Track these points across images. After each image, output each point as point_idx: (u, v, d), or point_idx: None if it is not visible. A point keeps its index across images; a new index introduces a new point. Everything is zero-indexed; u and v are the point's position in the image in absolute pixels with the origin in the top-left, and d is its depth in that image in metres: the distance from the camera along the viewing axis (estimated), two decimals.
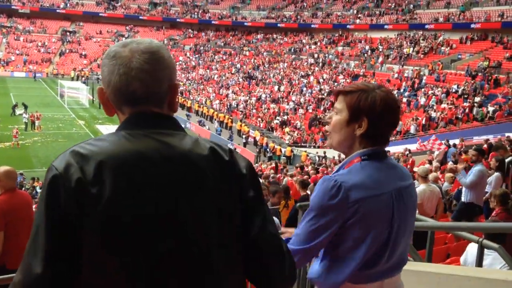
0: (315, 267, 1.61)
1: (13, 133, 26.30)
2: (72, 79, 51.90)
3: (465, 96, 26.73)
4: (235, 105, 38.46)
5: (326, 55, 45.78)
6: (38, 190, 16.27)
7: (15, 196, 4.17)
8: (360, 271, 1.52)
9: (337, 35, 50.08)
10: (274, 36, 57.00)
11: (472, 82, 28.05)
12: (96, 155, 1.08)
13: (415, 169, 9.29)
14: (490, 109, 24.03)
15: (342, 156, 1.66)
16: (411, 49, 39.26)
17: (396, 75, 35.37)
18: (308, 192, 7.85)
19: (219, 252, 1.14)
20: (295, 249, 1.49)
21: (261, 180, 13.29)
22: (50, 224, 1.04)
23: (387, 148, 1.65)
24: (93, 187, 1.05)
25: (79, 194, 1.04)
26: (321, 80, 39.13)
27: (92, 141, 1.14)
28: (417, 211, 1.90)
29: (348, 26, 49.68)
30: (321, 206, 1.47)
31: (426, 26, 41.76)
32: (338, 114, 1.59)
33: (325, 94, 35.24)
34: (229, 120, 34.03)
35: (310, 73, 41.97)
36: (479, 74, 29.16)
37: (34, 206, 4.66)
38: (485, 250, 3.43)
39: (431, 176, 7.75)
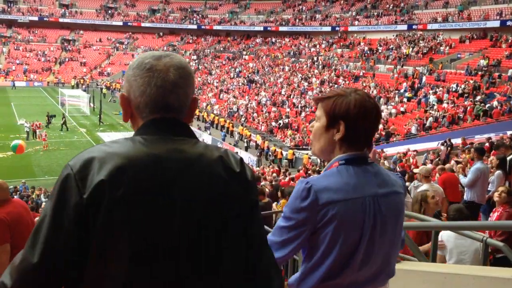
0: (296, 274, 1.60)
1: (42, 137, 28.23)
2: (73, 87, 52.05)
3: (466, 95, 26.73)
4: (236, 110, 38.50)
5: (325, 57, 45.85)
6: (43, 199, 16.27)
7: (12, 205, 4.19)
8: (327, 280, 1.48)
9: (336, 37, 50.18)
10: (273, 39, 57.12)
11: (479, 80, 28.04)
12: (112, 156, 1.13)
13: (415, 170, 9.26)
14: (494, 103, 23.93)
15: None
16: (410, 49, 39.31)
17: (395, 76, 35.38)
18: None
19: (225, 250, 1.19)
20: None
21: (263, 183, 13.29)
22: (57, 219, 1.09)
23: (388, 149, 1.65)
24: (107, 187, 1.08)
25: (93, 193, 1.08)
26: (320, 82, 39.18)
27: (108, 143, 1.20)
28: (404, 219, 1.86)
29: (343, 28, 49.78)
30: (292, 209, 1.48)
31: (423, 27, 41.82)
32: (318, 121, 1.61)
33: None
34: (230, 124, 34.07)
35: (310, 75, 42.02)
36: (479, 72, 29.17)
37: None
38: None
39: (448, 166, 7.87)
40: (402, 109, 28.95)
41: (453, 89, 28.19)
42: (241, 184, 1.23)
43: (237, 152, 28.62)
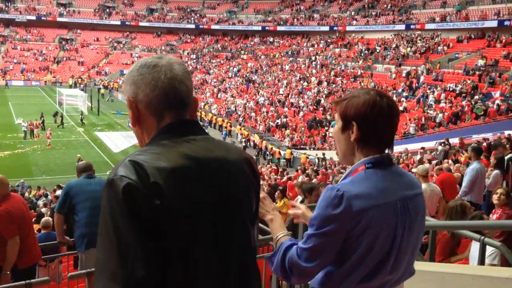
0: (318, 275, 1.59)
1: (47, 135, 28.28)
2: (70, 86, 51.93)
3: (464, 94, 26.78)
4: (234, 109, 38.50)
5: (323, 57, 45.88)
6: (39, 202, 16.16)
7: (14, 200, 4.30)
8: (359, 284, 1.49)
9: (334, 37, 50.21)
10: (271, 39, 57.13)
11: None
12: (155, 162, 1.17)
13: (413, 170, 9.29)
14: (496, 102, 23.97)
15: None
16: (408, 49, 39.37)
17: (393, 76, 35.44)
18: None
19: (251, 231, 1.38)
20: (303, 266, 1.48)
21: (261, 182, 13.29)
22: (139, 230, 1.12)
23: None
24: (164, 190, 1.14)
25: (154, 197, 1.13)
26: (317, 81, 39.21)
27: (143, 152, 1.23)
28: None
29: (341, 27, 49.83)
30: (324, 217, 1.44)
31: (421, 26, 41.89)
32: (336, 124, 1.62)
33: (324, 96, 35.31)
34: (228, 124, 34.06)
35: (308, 75, 42.05)
36: (477, 72, 29.25)
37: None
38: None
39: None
40: (401, 108, 28.96)
41: (451, 89, 28.25)
42: (256, 176, 1.41)
43: None
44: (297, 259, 1.49)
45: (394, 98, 30.58)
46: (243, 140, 30.51)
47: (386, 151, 1.56)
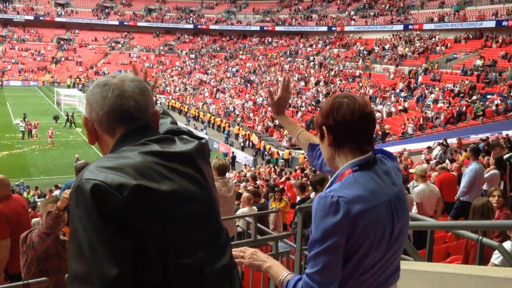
0: (295, 276, 1.58)
1: (49, 134, 28.48)
2: (68, 86, 51.85)
3: (461, 95, 26.81)
4: (232, 109, 38.48)
5: (322, 57, 45.88)
6: (37, 200, 16.19)
7: (13, 201, 4.25)
8: (357, 279, 1.48)
9: (332, 37, 50.21)
10: (270, 39, 57.12)
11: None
12: (122, 165, 1.18)
13: (411, 170, 9.29)
14: (496, 101, 23.99)
15: None
16: (406, 49, 39.41)
17: (392, 76, 35.47)
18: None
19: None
20: None
21: (258, 182, 13.28)
22: (108, 231, 1.11)
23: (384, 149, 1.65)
24: (132, 190, 1.14)
25: (122, 196, 1.13)
26: (317, 82, 39.21)
27: (105, 159, 1.23)
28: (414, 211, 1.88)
29: (340, 28, 49.84)
30: (325, 228, 1.40)
31: (420, 27, 41.92)
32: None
33: (322, 97, 35.31)
34: (226, 124, 34.05)
35: (306, 75, 42.06)
36: (475, 72, 29.28)
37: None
38: None
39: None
40: (400, 107, 28.91)
41: (449, 89, 28.26)
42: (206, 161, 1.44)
43: (233, 152, 28.55)
44: (311, 286, 1.42)
45: (393, 98, 30.66)
46: (243, 140, 30.51)
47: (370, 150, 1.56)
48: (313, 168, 17.94)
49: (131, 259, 1.11)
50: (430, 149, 16.83)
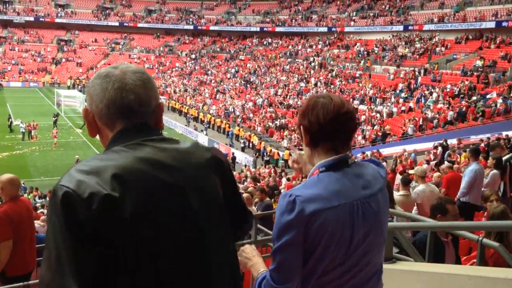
0: (263, 273, 1.59)
1: (53, 134, 28.89)
2: (69, 87, 51.88)
3: (462, 95, 26.81)
4: (232, 110, 38.49)
5: (322, 58, 45.89)
6: (38, 201, 16.21)
7: (18, 203, 4.22)
8: (318, 279, 1.47)
9: (332, 38, 50.24)
10: (270, 40, 57.14)
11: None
12: (104, 169, 1.14)
13: (410, 171, 9.26)
14: (498, 101, 24.00)
15: None
16: (406, 50, 39.43)
17: (392, 76, 35.47)
18: None
19: (219, 234, 1.29)
20: None
21: (259, 184, 13.29)
22: (74, 241, 1.07)
23: (384, 150, 1.64)
24: (110, 198, 1.10)
25: (98, 207, 1.09)
26: (317, 83, 39.21)
27: (92, 159, 1.20)
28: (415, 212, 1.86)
29: (339, 28, 49.87)
30: (281, 225, 1.42)
31: (419, 27, 41.95)
32: None
33: None
34: (227, 125, 34.05)
35: (306, 76, 42.06)
36: (475, 73, 29.28)
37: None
38: None
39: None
40: (403, 108, 28.88)
41: (449, 89, 28.25)
42: (215, 170, 1.34)
43: (233, 153, 28.46)
44: (270, 284, 1.45)
45: (393, 99, 30.66)
46: (242, 141, 30.50)
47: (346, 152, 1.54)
48: None
49: (97, 270, 1.08)
50: (436, 148, 16.77)
